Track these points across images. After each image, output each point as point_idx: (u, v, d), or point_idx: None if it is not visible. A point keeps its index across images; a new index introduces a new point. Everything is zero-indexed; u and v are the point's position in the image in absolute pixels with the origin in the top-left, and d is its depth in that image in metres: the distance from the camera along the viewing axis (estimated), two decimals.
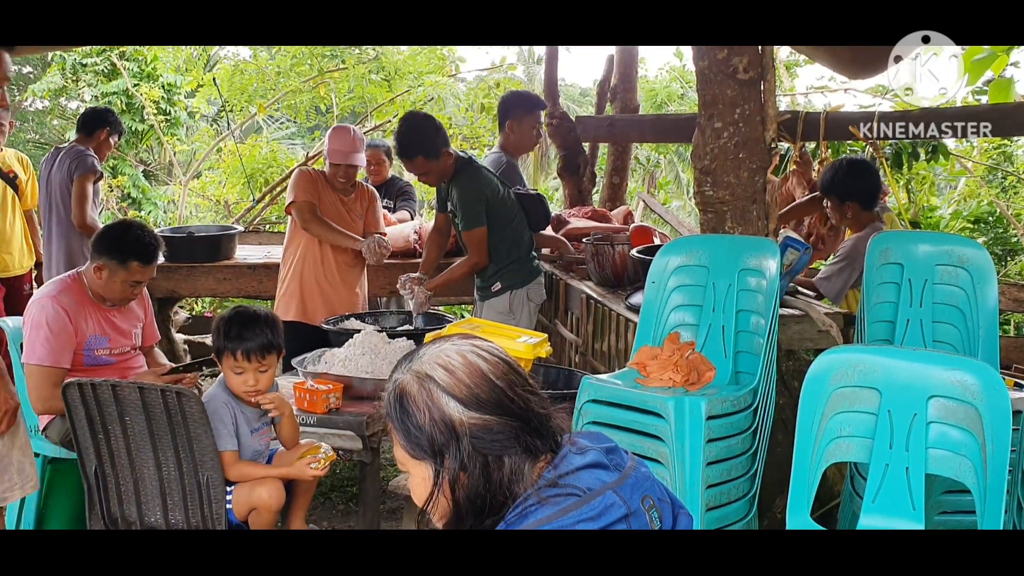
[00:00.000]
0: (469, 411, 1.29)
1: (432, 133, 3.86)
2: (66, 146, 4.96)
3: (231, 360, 2.63)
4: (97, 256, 3.14)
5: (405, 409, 1.32)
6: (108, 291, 3.16)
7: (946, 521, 2.61)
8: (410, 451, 1.32)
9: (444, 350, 1.35)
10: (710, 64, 3.14)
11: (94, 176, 4.85)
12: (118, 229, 3.22)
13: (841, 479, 3.07)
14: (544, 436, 1.33)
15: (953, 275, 2.94)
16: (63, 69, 12.77)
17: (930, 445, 2.11)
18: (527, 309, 3.98)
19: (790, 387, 3.16)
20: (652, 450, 2.59)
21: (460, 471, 1.28)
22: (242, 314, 2.66)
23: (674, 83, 13.31)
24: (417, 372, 1.33)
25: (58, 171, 4.80)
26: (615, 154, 6.51)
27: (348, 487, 4.02)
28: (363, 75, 9.80)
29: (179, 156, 12.45)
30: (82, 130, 5.00)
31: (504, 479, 1.28)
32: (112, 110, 5.63)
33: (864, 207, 3.85)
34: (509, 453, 1.29)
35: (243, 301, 6.93)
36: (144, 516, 2.65)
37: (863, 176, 3.89)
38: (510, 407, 1.31)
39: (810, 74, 23.35)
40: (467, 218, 3.86)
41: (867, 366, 2.18)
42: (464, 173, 3.90)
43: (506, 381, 1.33)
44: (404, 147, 3.88)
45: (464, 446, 1.28)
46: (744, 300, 2.90)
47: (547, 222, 4.32)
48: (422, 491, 1.33)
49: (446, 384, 1.30)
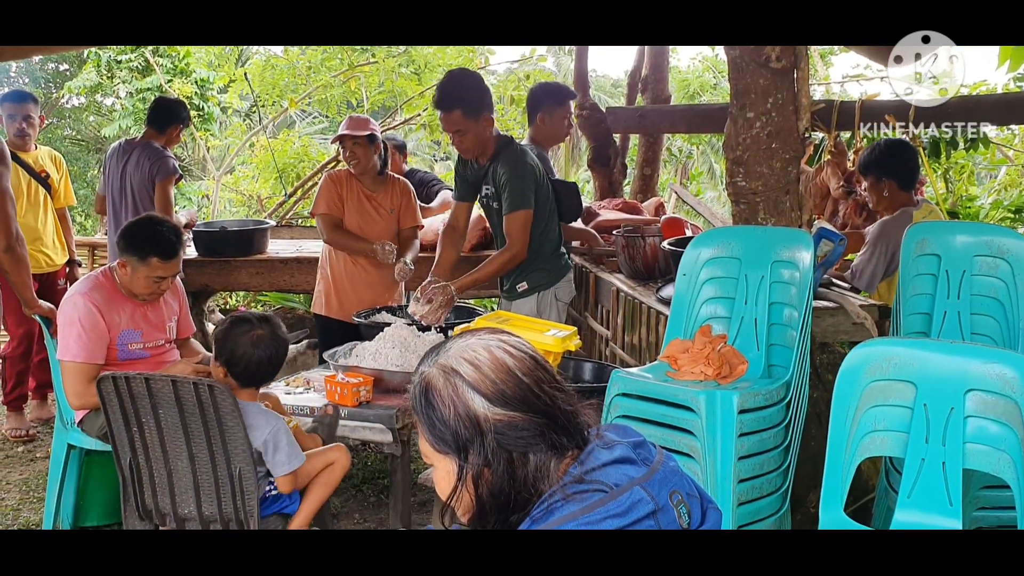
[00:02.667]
0: (494, 407, 1.28)
1: (474, 89, 3.63)
2: (139, 143, 4.86)
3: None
4: (120, 252, 3.18)
5: (430, 403, 1.31)
6: (134, 287, 3.20)
7: (985, 517, 2.56)
8: (434, 444, 1.32)
9: (470, 344, 1.34)
10: (742, 53, 3.10)
11: (175, 178, 4.85)
12: (139, 226, 3.24)
13: (876, 474, 3.02)
14: (571, 433, 1.31)
15: (992, 266, 2.87)
16: (98, 66, 12.94)
17: (968, 440, 2.07)
18: (555, 309, 3.78)
19: (824, 380, 3.11)
20: (683, 444, 2.57)
21: (484, 467, 1.28)
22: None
23: (707, 73, 13.19)
24: (443, 366, 1.32)
25: (136, 171, 4.74)
26: (646, 145, 6.46)
27: (379, 479, 4.05)
28: (393, 69, 9.82)
29: (212, 151, 12.58)
30: (154, 125, 4.89)
31: (529, 476, 1.27)
32: (183, 102, 5.65)
33: (901, 187, 3.80)
34: (534, 450, 1.28)
35: (275, 295, 7.00)
36: (178, 508, 2.68)
37: (902, 155, 3.86)
38: (536, 404, 1.30)
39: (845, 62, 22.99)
40: (515, 196, 3.56)
41: (902, 359, 2.14)
42: (510, 150, 3.65)
43: (533, 377, 1.31)
44: (443, 97, 3.59)
45: (488, 442, 1.27)
46: (777, 292, 2.86)
47: (579, 213, 4.18)
48: (446, 485, 1.33)
49: (472, 379, 1.30)
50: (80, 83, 13.77)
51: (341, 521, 3.63)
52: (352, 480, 4.05)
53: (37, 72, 21.57)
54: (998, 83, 7.03)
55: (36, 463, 4.30)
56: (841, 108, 4.91)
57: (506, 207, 3.61)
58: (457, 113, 3.57)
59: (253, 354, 2.64)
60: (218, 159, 12.59)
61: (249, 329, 2.67)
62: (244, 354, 2.64)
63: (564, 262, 3.87)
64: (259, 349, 2.65)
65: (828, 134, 4.94)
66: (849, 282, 3.74)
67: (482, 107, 3.60)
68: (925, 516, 2.09)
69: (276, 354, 2.70)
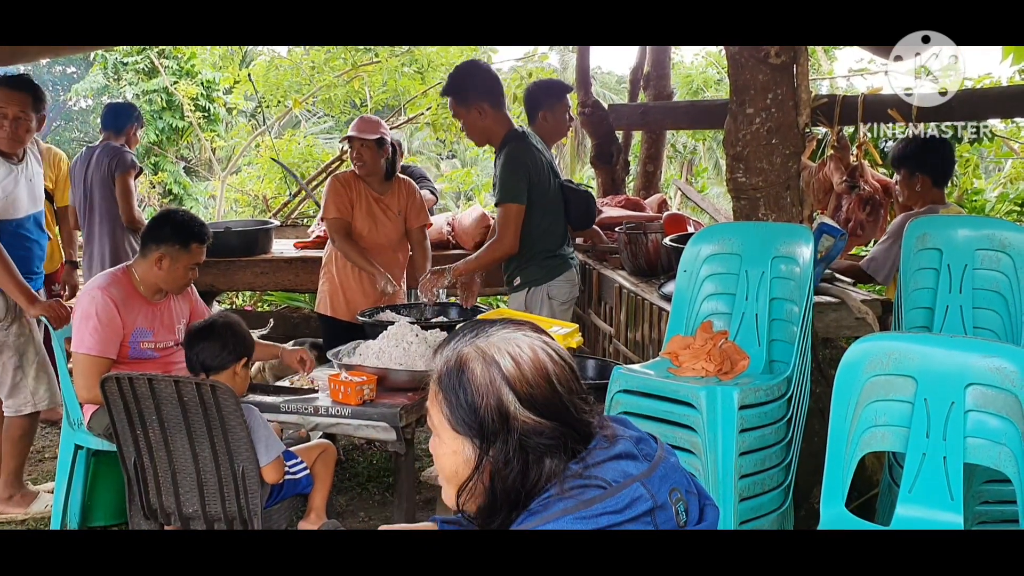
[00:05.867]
0: (524, 409, 1.27)
1: (463, 77, 3.74)
2: (98, 145, 5.03)
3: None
4: (156, 247, 3.20)
5: (463, 383, 1.29)
6: (171, 280, 3.24)
7: (987, 511, 2.56)
8: (452, 422, 1.30)
9: (516, 339, 1.31)
10: (741, 49, 3.10)
11: (134, 172, 4.95)
12: (166, 218, 3.31)
13: (880, 468, 3.02)
14: (588, 441, 1.31)
15: (994, 260, 2.86)
16: (105, 68, 12.99)
17: (968, 434, 2.07)
18: (547, 308, 3.75)
19: (826, 375, 3.11)
20: (684, 440, 2.57)
21: (503, 464, 1.27)
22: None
23: (710, 68, 13.17)
24: (484, 351, 1.30)
25: (96, 169, 4.87)
26: (649, 142, 6.46)
27: (383, 477, 4.06)
28: (396, 68, 9.83)
29: (218, 152, 12.61)
30: (111, 128, 5.07)
31: (541, 479, 1.27)
32: (134, 104, 5.72)
33: (935, 183, 3.77)
34: (552, 456, 1.27)
35: (280, 294, 7.03)
36: (182, 507, 2.70)
37: (940, 150, 3.81)
38: (564, 415, 1.29)
39: (849, 57, 22.89)
40: (503, 189, 3.63)
41: (902, 353, 2.14)
42: (511, 144, 3.69)
43: (567, 387, 1.30)
44: (445, 85, 3.85)
45: (512, 441, 1.26)
46: (778, 288, 2.86)
47: (588, 223, 4.12)
48: (450, 463, 1.31)
49: (511, 375, 1.28)
50: (87, 85, 13.84)
51: (346, 519, 3.64)
52: (357, 479, 4.07)
53: (45, 75, 21.67)
54: (1002, 76, 7.01)
55: (44, 463, 4.33)
56: (844, 103, 4.90)
57: (495, 198, 3.70)
58: (451, 100, 3.79)
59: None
60: (224, 159, 12.63)
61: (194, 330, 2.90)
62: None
63: (563, 261, 3.83)
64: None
65: (831, 129, 4.92)
66: (863, 269, 3.71)
67: (469, 96, 3.70)
68: (927, 511, 2.09)
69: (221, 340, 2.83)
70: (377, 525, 3.59)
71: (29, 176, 3.72)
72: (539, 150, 3.82)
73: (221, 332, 2.82)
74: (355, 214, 4.11)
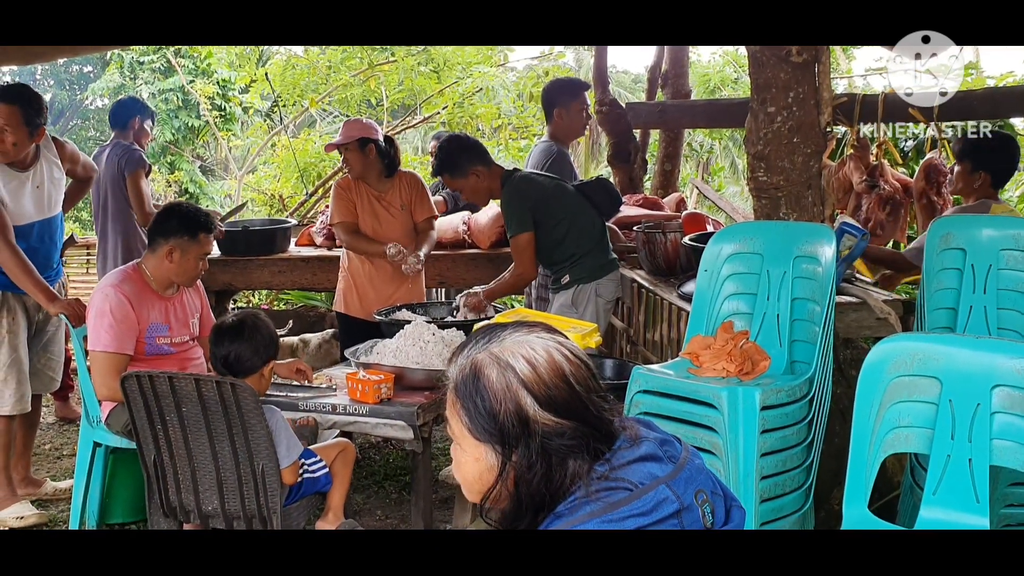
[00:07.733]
0: (543, 411, 1.26)
1: (455, 153, 3.90)
2: (108, 144, 5.05)
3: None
4: (165, 241, 3.22)
5: (480, 391, 1.28)
6: (182, 272, 3.27)
7: (1013, 515, 2.53)
8: (471, 429, 1.29)
9: (529, 341, 1.31)
10: (762, 48, 3.08)
11: (144, 170, 4.96)
12: (171, 212, 3.35)
13: (901, 470, 2.99)
14: (610, 441, 1.30)
15: (1019, 260, 2.82)
16: (121, 68, 13.07)
17: (994, 436, 2.03)
18: (593, 305, 3.84)
19: (848, 376, 3.08)
20: (705, 441, 2.55)
21: (526, 468, 1.26)
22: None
23: (727, 67, 13.12)
24: (498, 357, 1.29)
25: (107, 169, 4.88)
26: (666, 141, 6.43)
27: (401, 476, 4.06)
28: (412, 67, 9.83)
29: (234, 151, 12.66)
30: (116, 126, 5.09)
31: (566, 481, 1.26)
32: (136, 97, 5.70)
33: (994, 183, 3.72)
34: (575, 457, 1.26)
35: (297, 293, 7.04)
36: (202, 505, 2.71)
37: (1008, 150, 3.75)
38: (584, 414, 1.28)
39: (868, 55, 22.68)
40: (510, 224, 3.85)
41: (926, 354, 2.11)
42: (506, 186, 3.88)
43: (585, 386, 1.29)
44: (436, 168, 4.02)
45: (534, 445, 1.25)
46: (799, 288, 2.84)
47: (616, 206, 4.17)
48: (472, 471, 1.31)
49: (527, 378, 1.27)
50: (104, 85, 13.92)
51: (363, 518, 3.64)
52: (374, 477, 4.07)
53: (62, 74, 21.82)
54: None
55: (63, 460, 4.36)
56: (864, 102, 4.85)
57: (508, 233, 3.90)
58: (446, 177, 3.96)
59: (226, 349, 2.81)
60: (240, 159, 12.68)
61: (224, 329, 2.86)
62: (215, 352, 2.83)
63: (610, 260, 3.96)
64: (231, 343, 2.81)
65: (851, 128, 4.89)
66: (907, 258, 3.66)
67: (462, 167, 3.86)
68: (951, 513, 2.06)
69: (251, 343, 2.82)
70: (394, 524, 3.60)
71: (37, 183, 3.62)
72: (533, 172, 4.03)
73: (251, 335, 2.80)
74: (360, 215, 4.17)
